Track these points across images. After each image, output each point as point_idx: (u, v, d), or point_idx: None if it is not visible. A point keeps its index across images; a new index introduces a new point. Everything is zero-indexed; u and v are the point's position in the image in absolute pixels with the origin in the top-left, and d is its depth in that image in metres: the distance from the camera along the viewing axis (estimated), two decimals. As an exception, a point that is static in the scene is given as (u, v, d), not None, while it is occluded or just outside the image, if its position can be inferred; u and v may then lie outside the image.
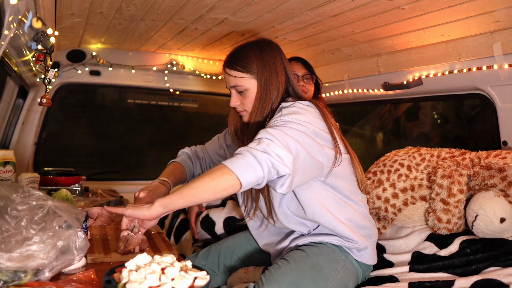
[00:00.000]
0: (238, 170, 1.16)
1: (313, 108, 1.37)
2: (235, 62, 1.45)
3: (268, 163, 1.17)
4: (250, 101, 1.45)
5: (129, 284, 0.81)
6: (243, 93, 1.45)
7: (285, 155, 1.18)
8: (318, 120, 1.34)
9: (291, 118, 1.28)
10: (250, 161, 1.17)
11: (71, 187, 2.30)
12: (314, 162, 1.27)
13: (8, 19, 1.08)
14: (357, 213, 1.43)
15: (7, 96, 2.41)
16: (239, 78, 1.44)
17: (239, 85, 1.44)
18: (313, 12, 1.74)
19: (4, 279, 0.92)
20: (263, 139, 1.21)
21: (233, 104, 1.48)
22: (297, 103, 1.35)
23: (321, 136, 1.31)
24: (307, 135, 1.26)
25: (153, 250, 1.35)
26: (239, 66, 1.44)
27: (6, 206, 0.99)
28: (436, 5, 1.52)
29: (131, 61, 2.84)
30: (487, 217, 1.40)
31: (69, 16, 1.94)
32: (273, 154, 1.17)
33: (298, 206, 1.40)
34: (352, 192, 1.44)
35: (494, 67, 1.68)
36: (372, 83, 2.38)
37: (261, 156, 1.16)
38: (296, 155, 1.21)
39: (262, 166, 1.16)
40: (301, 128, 1.26)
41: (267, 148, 1.18)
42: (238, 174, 1.15)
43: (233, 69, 1.44)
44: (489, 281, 1.25)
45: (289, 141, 1.21)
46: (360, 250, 1.40)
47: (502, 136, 1.81)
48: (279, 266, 1.33)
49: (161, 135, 3.85)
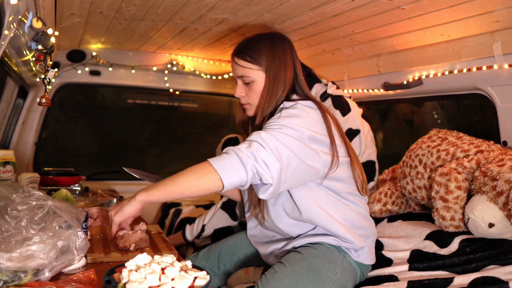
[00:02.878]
0: (222, 171, 1.16)
1: (314, 110, 1.35)
2: (245, 52, 1.42)
3: (253, 169, 1.17)
4: (255, 94, 1.43)
5: (129, 284, 0.81)
6: (250, 84, 1.42)
7: (272, 164, 1.17)
8: (318, 123, 1.32)
9: (288, 122, 1.26)
10: (235, 163, 1.16)
11: (71, 187, 2.30)
12: (308, 169, 1.26)
13: (8, 19, 1.08)
14: (354, 213, 1.42)
15: (7, 96, 2.41)
16: (247, 69, 1.41)
17: (246, 75, 1.42)
18: (313, 12, 1.74)
19: (4, 279, 0.92)
20: (254, 143, 1.20)
21: (237, 94, 1.46)
22: (298, 104, 1.33)
23: (318, 141, 1.29)
24: (301, 142, 1.25)
25: (153, 250, 1.35)
26: (249, 57, 1.41)
27: (6, 206, 0.99)
28: (436, 5, 1.52)
29: (131, 61, 2.84)
30: (476, 221, 1.41)
31: (69, 16, 1.94)
32: (260, 161, 1.17)
33: (294, 206, 1.39)
34: (349, 194, 1.43)
35: (494, 67, 1.68)
36: (372, 83, 2.38)
37: (247, 160, 1.16)
38: (287, 163, 1.20)
39: (246, 171, 1.17)
40: (296, 134, 1.25)
41: (255, 154, 1.17)
42: (222, 175, 1.16)
43: (242, 58, 1.42)
44: (488, 279, 1.25)
45: (280, 148, 1.20)
46: (357, 250, 1.40)
47: (502, 136, 1.81)
48: (276, 271, 1.32)
49: (161, 135, 3.85)
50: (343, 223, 1.38)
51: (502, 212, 1.38)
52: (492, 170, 1.42)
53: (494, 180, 1.40)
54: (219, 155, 1.22)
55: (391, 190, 1.90)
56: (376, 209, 1.86)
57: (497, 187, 1.39)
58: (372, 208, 1.86)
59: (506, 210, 1.37)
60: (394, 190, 1.90)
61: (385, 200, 1.87)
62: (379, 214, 1.87)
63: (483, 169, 1.46)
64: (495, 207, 1.40)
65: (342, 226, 1.37)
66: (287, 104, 1.35)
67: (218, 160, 1.19)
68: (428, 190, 1.72)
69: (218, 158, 1.19)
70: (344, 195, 1.41)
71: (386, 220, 1.80)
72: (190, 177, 1.18)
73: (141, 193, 1.21)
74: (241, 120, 1.59)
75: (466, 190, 1.54)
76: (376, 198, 1.89)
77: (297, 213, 1.38)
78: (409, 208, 1.92)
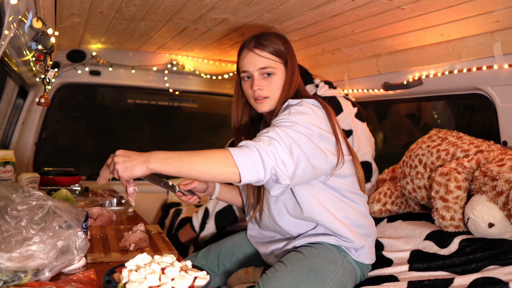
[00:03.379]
0: (242, 168, 1.14)
1: (319, 108, 1.35)
2: (266, 45, 1.42)
3: (272, 171, 1.16)
4: (275, 87, 1.41)
5: (129, 284, 0.81)
6: (270, 77, 1.41)
7: (289, 164, 1.17)
8: (323, 120, 1.33)
9: (299, 119, 1.26)
10: (257, 163, 1.15)
11: (71, 187, 2.30)
12: (313, 171, 1.26)
13: (8, 19, 1.08)
14: (355, 211, 1.43)
15: (7, 96, 2.41)
16: (272, 61, 1.41)
17: (271, 67, 1.40)
18: (313, 12, 1.74)
19: (4, 279, 0.92)
20: (273, 140, 1.18)
21: (257, 87, 1.41)
22: (304, 101, 1.33)
23: (326, 138, 1.30)
24: (312, 141, 1.25)
25: (153, 250, 1.35)
26: (272, 48, 1.41)
27: (6, 206, 0.99)
28: (436, 5, 1.52)
29: (131, 61, 2.84)
30: (476, 221, 1.41)
31: (69, 16, 1.94)
32: (279, 160, 1.16)
33: (295, 204, 1.39)
34: (351, 192, 1.44)
35: (494, 67, 1.68)
36: (372, 83, 2.38)
37: (268, 161, 1.15)
38: (297, 162, 1.20)
39: (265, 172, 1.16)
40: (306, 131, 1.25)
41: (275, 152, 1.16)
42: (241, 171, 1.14)
43: (265, 50, 1.41)
44: (488, 279, 1.25)
45: (293, 147, 1.19)
46: (357, 249, 1.40)
47: (502, 136, 1.81)
48: (276, 270, 1.32)
49: (161, 135, 3.85)
50: (345, 222, 1.38)
51: (502, 212, 1.38)
52: (492, 170, 1.42)
53: (494, 180, 1.40)
54: (238, 147, 1.18)
55: (391, 190, 1.90)
56: (376, 209, 1.86)
57: (497, 187, 1.39)
58: (372, 208, 1.86)
59: (506, 210, 1.37)
60: (393, 190, 1.90)
61: (385, 200, 1.87)
62: (378, 214, 1.87)
63: (483, 169, 1.46)
64: (495, 207, 1.40)
65: (343, 225, 1.37)
66: (292, 101, 1.35)
67: (239, 154, 1.15)
68: (428, 190, 1.72)
69: (240, 152, 1.16)
70: (345, 194, 1.42)
71: (386, 220, 1.80)
72: (209, 164, 1.14)
73: (155, 161, 1.12)
74: (240, 125, 1.56)
75: (466, 190, 1.54)
76: (376, 198, 1.89)
77: (299, 211, 1.39)
78: (409, 208, 1.92)
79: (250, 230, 1.63)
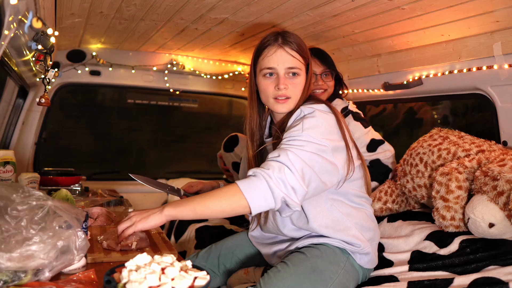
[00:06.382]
0: (251, 200, 1.18)
1: (330, 116, 1.34)
2: (294, 44, 1.38)
3: (282, 199, 1.19)
4: (298, 88, 1.39)
5: (129, 284, 0.81)
6: (295, 77, 1.38)
7: (299, 189, 1.19)
8: (334, 128, 1.32)
9: (312, 136, 1.24)
10: (265, 193, 1.18)
11: (71, 187, 2.30)
12: (324, 187, 1.28)
13: (8, 19, 1.08)
14: (364, 215, 1.43)
15: (7, 96, 2.41)
16: (298, 61, 1.38)
17: (297, 67, 1.37)
18: (313, 12, 1.74)
19: (4, 279, 0.92)
20: (284, 167, 1.19)
21: (283, 85, 1.36)
22: (316, 111, 1.31)
23: (339, 149, 1.30)
24: (324, 158, 1.24)
25: (153, 250, 1.35)
26: (299, 48, 1.38)
27: (6, 206, 0.99)
28: (436, 5, 1.52)
29: (131, 61, 2.84)
30: (476, 221, 1.41)
31: (69, 16, 1.94)
32: (289, 187, 1.18)
33: (301, 213, 1.40)
34: (358, 196, 1.43)
35: (494, 67, 1.68)
36: (372, 83, 2.38)
37: (278, 192, 1.17)
38: (308, 183, 1.22)
39: (275, 202, 1.19)
40: (318, 148, 1.24)
41: (285, 179, 1.18)
42: (250, 203, 1.18)
43: (294, 49, 1.37)
44: (488, 279, 1.25)
45: (305, 170, 1.20)
46: (362, 254, 1.40)
47: (502, 136, 1.81)
48: (278, 270, 1.32)
49: (161, 135, 3.85)
50: (353, 226, 1.39)
51: (503, 212, 1.38)
52: (493, 170, 1.42)
53: (495, 180, 1.40)
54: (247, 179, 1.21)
55: (391, 189, 1.90)
56: (377, 207, 1.86)
57: (497, 187, 1.39)
58: (373, 206, 1.86)
59: (506, 210, 1.37)
60: (394, 189, 1.90)
61: (386, 199, 1.87)
62: (379, 212, 1.87)
63: (484, 169, 1.46)
64: (495, 207, 1.40)
65: (349, 231, 1.38)
66: (305, 110, 1.33)
67: (248, 186, 1.19)
68: (429, 189, 1.72)
69: (248, 183, 1.20)
70: (352, 198, 1.42)
71: (386, 220, 1.80)
72: (221, 201, 1.21)
73: (170, 209, 1.22)
74: (253, 124, 1.48)
75: (467, 190, 1.54)
76: (377, 197, 1.89)
77: (304, 220, 1.39)
78: (409, 206, 1.92)
79: (252, 231, 1.63)
